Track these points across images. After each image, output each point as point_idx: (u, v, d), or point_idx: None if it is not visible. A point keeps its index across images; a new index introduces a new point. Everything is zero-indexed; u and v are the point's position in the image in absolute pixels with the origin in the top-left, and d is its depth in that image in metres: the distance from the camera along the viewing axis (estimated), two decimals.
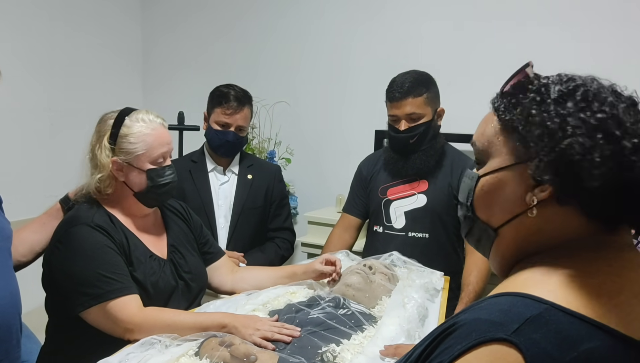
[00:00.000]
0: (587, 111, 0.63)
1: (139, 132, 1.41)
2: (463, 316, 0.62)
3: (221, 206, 2.17)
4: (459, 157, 2.02)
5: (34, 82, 2.81)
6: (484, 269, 1.86)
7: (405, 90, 1.88)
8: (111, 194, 1.45)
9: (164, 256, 1.51)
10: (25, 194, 2.67)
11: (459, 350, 0.58)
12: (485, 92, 2.78)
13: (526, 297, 0.61)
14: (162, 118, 1.49)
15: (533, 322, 0.57)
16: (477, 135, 0.78)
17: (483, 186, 0.73)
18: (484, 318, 0.59)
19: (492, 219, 0.73)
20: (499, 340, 0.56)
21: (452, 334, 0.60)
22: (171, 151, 1.50)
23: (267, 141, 3.00)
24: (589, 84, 0.67)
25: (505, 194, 0.70)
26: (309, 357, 1.15)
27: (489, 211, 0.73)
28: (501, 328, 0.57)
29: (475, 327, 0.59)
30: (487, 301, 0.64)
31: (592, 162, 0.60)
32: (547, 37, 2.38)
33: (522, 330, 0.56)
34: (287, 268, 1.71)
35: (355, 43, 2.85)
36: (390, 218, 2.00)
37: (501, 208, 0.71)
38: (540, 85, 0.69)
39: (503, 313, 0.59)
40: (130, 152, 1.41)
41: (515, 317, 0.58)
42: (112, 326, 1.31)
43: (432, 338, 0.64)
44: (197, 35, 3.32)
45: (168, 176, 1.46)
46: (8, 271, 1.32)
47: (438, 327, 0.65)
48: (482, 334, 0.57)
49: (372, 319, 1.39)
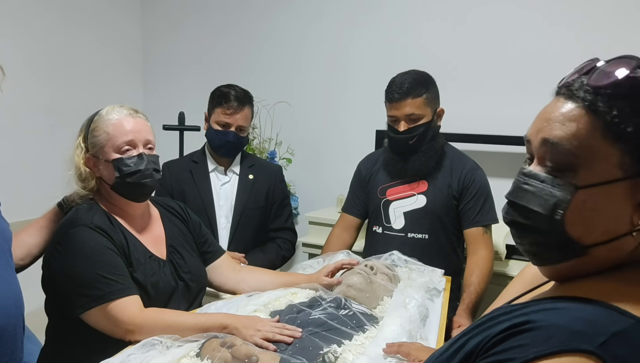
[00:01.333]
0: None
1: (102, 124, 1.43)
2: (536, 316, 0.58)
3: (222, 206, 2.17)
4: (458, 157, 2.02)
5: (34, 83, 2.82)
6: (486, 269, 1.86)
7: (404, 91, 1.87)
8: (98, 192, 1.47)
9: (163, 256, 1.51)
10: (26, 195, 2.67)
11: (536, 353, 0.54)
12: (485, 92, 2.79)
13: (611, 308, 0.57)
14: (133, 109, 1.47)
15: (619, 337, 0.54)
16: (563, 134, 0.64)
17: (586, 201, 0.62)
18: (564, 324, 0.56)
19: (586, 238, 0.63)
20: (584, 351, 0.52)
21: (525, 333, 0.56)
22: (143, 140, 1.44)
23: (268, 141, 3.00)
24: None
25: (608, 212, 0.61)
26: (310, 358, 1.15)
27: (586, 228, 0.62)
28: (586, 339, 0.53)
29: (555, 332, 0.55)
30: (562, 304, 0.59)
31: None
32: (547, 36, 2.37)
33: (608, 345, 0.53)
34: (289, 277, 1.70)
35: (355, 43, 2.85)
36: (389, 219, 2.00)
37: (602, 227, 0.62)
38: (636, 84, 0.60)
39: (586, 323, 0.55)
40: (96, 145, 1.43)
41: (601, 330, 0.54)
42: (112, 327, 1.30)
43: (497, 332, 0.59)
44: (198, 35, 3.32)
45: (134, 164, 1.41)
46: (10, 273, 1.32)
47: (499, 321, 0.60)
48: (563, 342, 0.53)
49: (373, 319, 1.38)
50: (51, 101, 2.91)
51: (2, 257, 1.27)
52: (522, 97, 2.40)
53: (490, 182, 1.99)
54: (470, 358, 0.60)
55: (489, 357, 0.57)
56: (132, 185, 1.43)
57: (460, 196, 1.95)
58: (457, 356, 0.63)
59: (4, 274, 1.26)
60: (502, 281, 2.11)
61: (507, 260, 2.31)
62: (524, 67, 2.41)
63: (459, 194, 1.95)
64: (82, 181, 1.45)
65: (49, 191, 1.55)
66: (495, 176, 2.27)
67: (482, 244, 1.91)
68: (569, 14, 2.34)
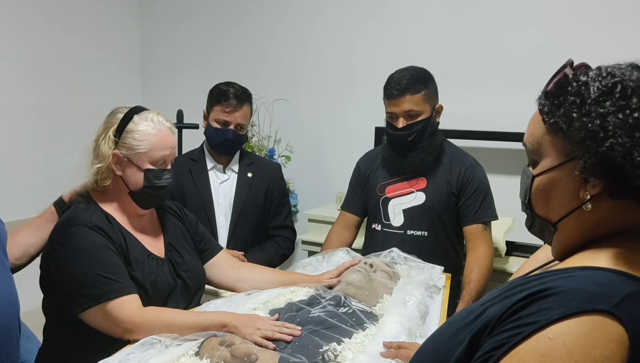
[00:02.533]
0: (625, 109, 0.65)
1: (144, 130, 1.41)
2: (554, 283, 0.64)
3: (221, 204, 2.16)
4: (457, 154, 2.01)
5: (32, 83, 2.81)
6: (485, 266, 1.86)
7: (402, 87, 1.86)
8: (108, 188, 1.45)
9: (161, 255, 1.50)
10: (23, 194, 2.67)
11: (558, 314, 0.59)
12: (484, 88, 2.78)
13: (622, 274, 0.64)
14: (171, 123, 1.49)
15: (632, 298, 0.60)
16: (526, 136, 0.79)
17: (538, 185, 0.76)
18: (582, 288, 0.62)
19: (550, 215, 0.76)
20: (601, 311, 0.58)
21: (547, 298, 0.62)
22: (174, 157, 1.50)
23: (267, 139, 2.99)
24: (628, 76, 0.68)
25: (559, 191, 0.73)
26: (310, 356, 1.15)
27: (546, 207, 0.76)
28: (602, 300, 0.59)
29: (575, 295, 0.61)
30: (576, 272, 0.66)
31: (633, 162, 0.63)
32: (547, 32, 2.37)
33: (623, 305, 0.59)
34: (290, 276, 1.69)
35: (354, 40, 2.84)
36: (388, 216, 2.00)
37: (558, 204, 0.74)
38: (580, 84, 0.71)
39: (602, 286, 0.61)
40: (133, 148, 1.41)
41: (615, 291, 0.60)
42: (111, 326, 1.30)
43: (518, 299, 0.65)
44: (196, 33, 3.31)
45: (165, 180, 1.46)
46: (5, 272, 1.31)
47: (518, 290, 0.66)
48: (582, 303, 0.59)
49: (373, 317, 1.38)
50: (49, 101, 2.90)
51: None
52: (521, 94, 2.38)
53: (490, 179, 1.99)
54: (489, 324, 0.65)
55: (512, 322, 0.63)
56: (153, 196, 1.46)
57: (460, 193, 1.95)
58: (477, 321, 0.68)
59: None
60: (502, 277, 2.11)
61: (507, 257, 2.31)
62: (523, 64, 2.40)
63: (458, 191, 1.95)
64: (100, 173, 1.42)
65: (46, 191, 1.54)
66: (495, 173, 2.27)
67: (482, 241, 1.91)
68: (569, 10, 2.33)
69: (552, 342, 0.58)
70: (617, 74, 0.69)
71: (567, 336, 0.58)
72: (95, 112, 1.52)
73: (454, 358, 0.69)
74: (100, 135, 1.45)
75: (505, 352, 0.61)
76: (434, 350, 0.76)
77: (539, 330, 0.60)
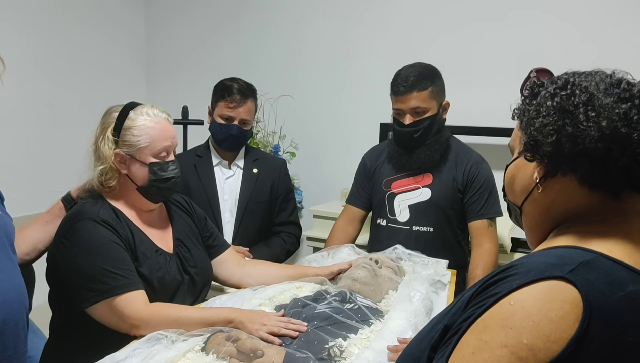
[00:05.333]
0: (555, 97, 0.75)
1: (142, 125, 1.41)
2: (518, 261, 0.70)
3: (227, 200, 2.17)
4: (463, 150, 2.01)
5: (37, 77, 2.81)
6: (490, 262, 1.86)
7: (409, 84, 1.86)
8: (115, 187, 1.45)
9: (169, 250, 1.51)
10: (31, 189, 2.68)
11: (518, 283, 0.65)
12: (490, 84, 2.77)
13: (577, 248, 0.70)
14: (167, 113, 1.49)
15: (585, 266, 0.65)
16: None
17: (508, 174, 0.88)
18: (540, 261, 0.68)
19: (516, 199, 0.86)
20: (556, 277, 0.64)
21: (510, 274, 0.68)
22: (175, 146, 1.50)
23: (272, 135, 2.99)
24: (577, 76, 0.77)
25: (520, 177, 0.84)
26: (315, 352, 1.15)
27: (513, 193, 0.87)
28: (558, 268, 0.65)
29: (533, 267, 0.67)
30: (539, 252, 0.74)
31: (544, 134, 0.74)
32: (552, 29, 2.35)
33: (577, 271, 0.64)
34: (295, 269, 1.69)
35: (359, 36, 2.83)
36: (394, 212, 2.00)
37: (519, 188, 0.84)
38: (538, 85, 0.81)
39: (558, 258, 0.68)
40: (133, 145, 1.41)
41: (570, 261, 0.66)
42: (118, 322, 1.31)
43: (483, 282, 0.71)
44: (201, 29, 3.30)
45: (171, 171, 1.46)
46: (13, 267, 1.32)
47: (488, 275, 0.73)
48: (540, 272, 0.65)
49: (378, 313, 1.38)
50: (55, 96, 2.90)
51: (4, 251, 1.27)
52: None
53: (495, 175, 1.98)
54: (468, 303, 0.72)
55: (479, 297, 0.69)
56: (161, 189, 1.46)
57: (465, 189, 1.94)
58: (459, 302, 0.76)
59: (6, 268, 1.27)
60: None
61: (512, 253, 2.30)
62: (529, 60, 2.39)
63: (464, 187, 1.94)
64: (104, 175, 1.42)
65: (52, 186, 1.55)
66: (500, 169, 2.23)
67: (487, 237, 1.90)
68: (575, 7, 2.32)
69: (513, 307, 0.64)
70: (569, 76, 0.78)
71: (526, 301, 0.63)
72: (100, 107, 1.51)
73: (430, 345, 0.74)
74: (98, 136, 1.44)
75: (472, 322, 0.67)
76: (415, 341, 0.81)
77: (501, 299, 0.65)
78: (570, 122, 0.72)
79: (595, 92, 0.73)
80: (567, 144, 0.72)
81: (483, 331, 0.65)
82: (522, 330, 0.61)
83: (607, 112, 0.71)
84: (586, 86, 0.74)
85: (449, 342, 0.69)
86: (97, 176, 1.43)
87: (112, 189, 1.45)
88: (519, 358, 0.61)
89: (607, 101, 0.71)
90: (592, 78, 0.75)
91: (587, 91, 0.73)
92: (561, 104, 0.74)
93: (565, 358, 0.60)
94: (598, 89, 0.73)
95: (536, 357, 0.60)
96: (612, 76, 0.76)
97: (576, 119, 0.72)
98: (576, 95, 0.73)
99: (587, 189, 0.75)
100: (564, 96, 0.74)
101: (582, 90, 0.74)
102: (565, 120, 0.73)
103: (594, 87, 0.73)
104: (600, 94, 0.72)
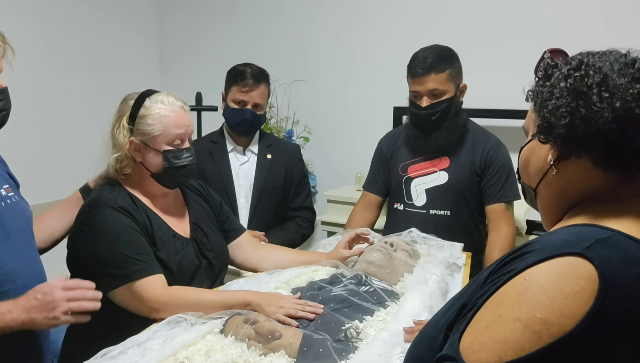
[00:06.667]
0: (568, 78, 0.75)
1: (156, 113, 1.42)
2: (535, 240, 0.70)
3: (242, 186, 2.18)
4: (481, 133, 1.99)
5: (53, 65, 2.84)
6: (507, 246, 1.84)
7: (427, 66, 1.84)
8: (131, 175, 1.47)
9: (186, 235, 1.52)
10: (48, 178, 2.72)
11: (534, 260, 0.65)
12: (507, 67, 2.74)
13: (594, 226, 0.71)
14: (182, 101, 1.49)
15: (602, 243, 0.66)
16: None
17: (522, 156, 0.87)
18: (557, 238, 0.68)
19: (530, 182, 0.85)
20: (573, 253, 0.64)
21: (526, 254, 0.68)
22: (190, 134, 1.50)
23: (285, 120, 2.99)
24: (591, 56, 0.76)
25: (534, 160, 0.83)
26: (332, 334, 1.16)
27: (527, 175, 0.86)
28: (575, 245, 0.65)
29: (550, 244, 0.67)
30: (555, 231, 0.74)
31: (558, 116, 0.73)
32: (570, 12, 2.30)
33: (594, 248, 0.64)
34: (310, 255, 1.70)
35: (372, 19, 2.80)
36: (411, 196, 1.99)
37: (534, 171, 0.83)
38: (552, 66, 0.80)
39: (575, 235, 0.68)
40: (147, 133, 1.42)
41: (587, 238, 0.67)
42: (138, 305, 1.33)
43: (500, 261, 0.72)
44: (214, 15, 3.30)
45: (185, 159, 1.47)
46: (33, 252, 1.34)
47: (505, 255, 0.73)
48: (556, 249, 0.65)
49: (394, 295, 1.39)
50: (70, 83, 2.93)
51: (24, 237, 1.30)
52: None
53: (513, 158, 1.96)
54: (485, 282, 0.72)
55: (496, 275, 0.70)
56: (176, 176, 1.47)
57: (483, 172, 1.93)
58: (475, 282, 0.76)
59: (27, 253, 1.29)
60: None
61: (528, 236, 2.28)
62: (546, 42, 2.34)
63: (481, 170, 1.93)
64: (119, 162, 1.44)
65: (69, 174, 1.56)
66: (516, 152, 2.22)
67: (504, 220, 1.89)
68: None
69: (527, 282, 0.64)
70: (584, 56, 0.77)
71: (541, 276, 0.64)
72: (116, 96, 1.53)
73: (447, 324, 0.74)
74: (114, 124, 1.46)
75: (487, 298, 0.68)
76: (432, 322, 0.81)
77: (516, 275, 0.66)
78: (584, 103, 0.71)
79: (609, 72, 0.72)
80: (581, 126, 0.71)
81: (497, 306, 0.65)
82: (536, 305, 0.62)
83: (621, 92, 0.70)
84: (600, 67, 0.73)
85: (465, 318, 0.70)
86: (113, 164, 1.44)
87: (128, 176, 1.47)
88: (533, 332, 0.61)
89: (621, 82, 0.71)
90: (607, 58, 0.74)
91: (601, 71, 0.72)
92: (574, 86, 0.73)
93: (579, 333, 0.60)
94: (612, 70, 0.72)
95: (550, 331, 0.60)
96: (626, 56, 0.75)
97: (589, 101, 0.71)
98: (590, 76, 0.72)
99: (602, 171, 0.74)
100: (577, 77, 0.73)
101: (595, 70, 0.73)
102: (579, 101, 0.72)
103: (608, 68, 0.72)
104: (614, 75, 0.71)
